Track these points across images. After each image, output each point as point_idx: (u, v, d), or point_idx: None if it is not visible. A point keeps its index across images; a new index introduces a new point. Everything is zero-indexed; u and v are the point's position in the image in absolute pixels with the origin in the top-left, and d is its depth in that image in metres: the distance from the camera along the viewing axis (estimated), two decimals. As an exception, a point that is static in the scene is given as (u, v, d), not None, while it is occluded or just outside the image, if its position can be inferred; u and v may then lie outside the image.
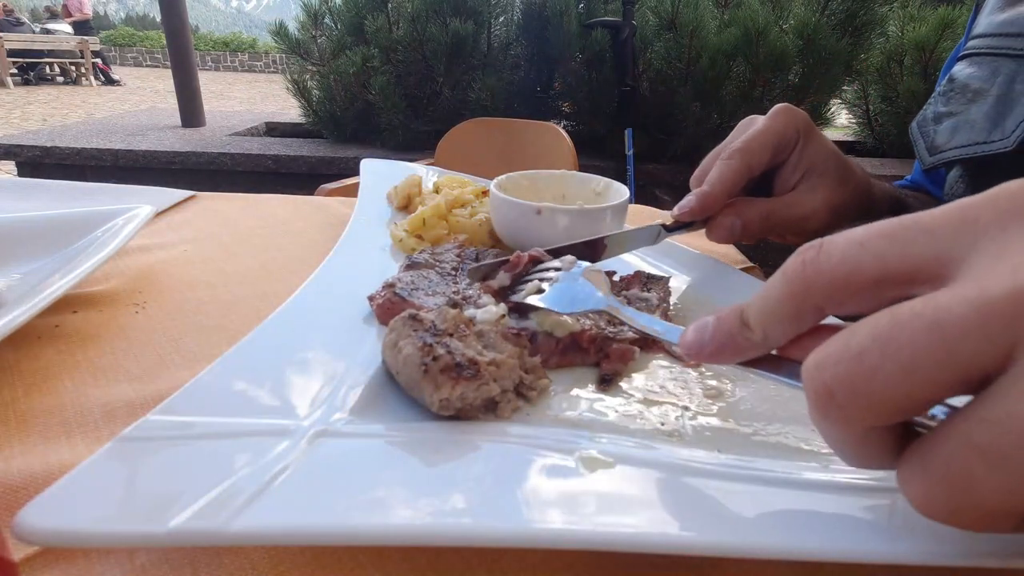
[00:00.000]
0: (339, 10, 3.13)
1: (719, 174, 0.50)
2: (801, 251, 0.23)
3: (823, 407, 0.20)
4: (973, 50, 0.58)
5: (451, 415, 0.33)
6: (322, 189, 1.45)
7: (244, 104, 9.52)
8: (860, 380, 0.19)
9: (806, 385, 0.21)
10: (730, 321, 0.25)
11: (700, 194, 0.50)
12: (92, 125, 3.68)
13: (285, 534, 0.25)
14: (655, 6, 2.75)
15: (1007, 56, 0.53)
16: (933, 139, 0.59)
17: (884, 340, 0.19)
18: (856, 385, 0.19)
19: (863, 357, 0.19)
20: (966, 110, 0.56)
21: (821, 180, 0.53)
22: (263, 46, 18.65)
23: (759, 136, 0.51)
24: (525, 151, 1.87)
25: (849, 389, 0.19)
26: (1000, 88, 0.53)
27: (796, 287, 0.23)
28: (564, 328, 0.41)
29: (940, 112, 0.59)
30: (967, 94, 0.56)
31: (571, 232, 0.54)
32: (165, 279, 0.56)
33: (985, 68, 0.55)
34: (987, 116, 0.53)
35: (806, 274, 0.22)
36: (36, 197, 0.75)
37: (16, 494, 0.30)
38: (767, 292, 0.24)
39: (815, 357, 0.21)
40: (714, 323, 0.26)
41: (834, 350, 0.20)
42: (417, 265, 0.50)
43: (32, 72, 11.54)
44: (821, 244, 0.22)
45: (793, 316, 0.24)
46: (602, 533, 0.25)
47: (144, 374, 0.41)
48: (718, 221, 0.52)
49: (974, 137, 0.54)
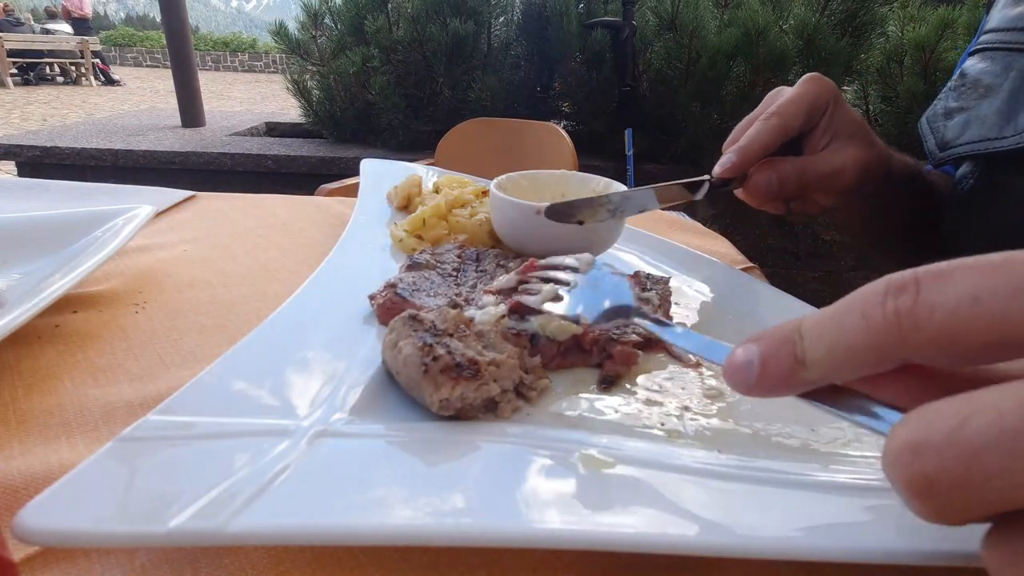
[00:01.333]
0: (339, 10, 3.13)
1: (756, 133, 0.51)
2: (890, 289, 0.18)
3: (918, 494, 0.17)
4: (986, 44, 0.58)
5: (451, 415, 0.33)
6: (322, 189, 1.45)
7: (244, 104, 9.52)
8: (973, 481, 0.16)
9: (894, 467, 0.18)
10: (782, 358, 0.21)
11: (739, 149, 0.51)
12: (92, 125, 3.68)
13: (285, 534, 0.25)
14: (655, 6, 2.75)
15: (1020, 51, 0.53)
16: (943, 134, 0.58)
17: (1012, 437, 0.15)
18: (967, 485, 0.16)
19: (981, 456, 0.16)
20: (977, 105, 0.55)
21: (849, 142, 0.53)
22: (263, 46, 18.65)
23: (794, 100, 0.52)
24: (525, 151, 1.87)
25: (956, 486, 0.16)
26: (1013, 83, 0.52)
27: (882, 340, 0.18)
28: (566, 332, 0.41)
29: (951, 107, 0.59)
30: (979, 89, 0.56)
31: (571, 232, 0.54)
32: (165, 279, 0.56)
33: (998, 63, 0.55)
34: (999, 111, 0.53)
35: (901, 329, 0.18)
36: (36, 197, 0.75)
37: (16, 494, 0.30)
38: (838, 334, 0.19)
39: (911, 435, 0.17)
40: (761, 358, 0.22)
41: (939, 435, 0.17)
42: (418, 265, 0.50)
43: (32, 72, 11.54)
44: (918, 289, 0.18)
45: (870, 366, 0.20)
46: (602, 533, 0.25)
47: (144, 374, 0.41)
48: (755, 179, 0.52)
49: (985, 133, 0.53)
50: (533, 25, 2.92)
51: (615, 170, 2.55)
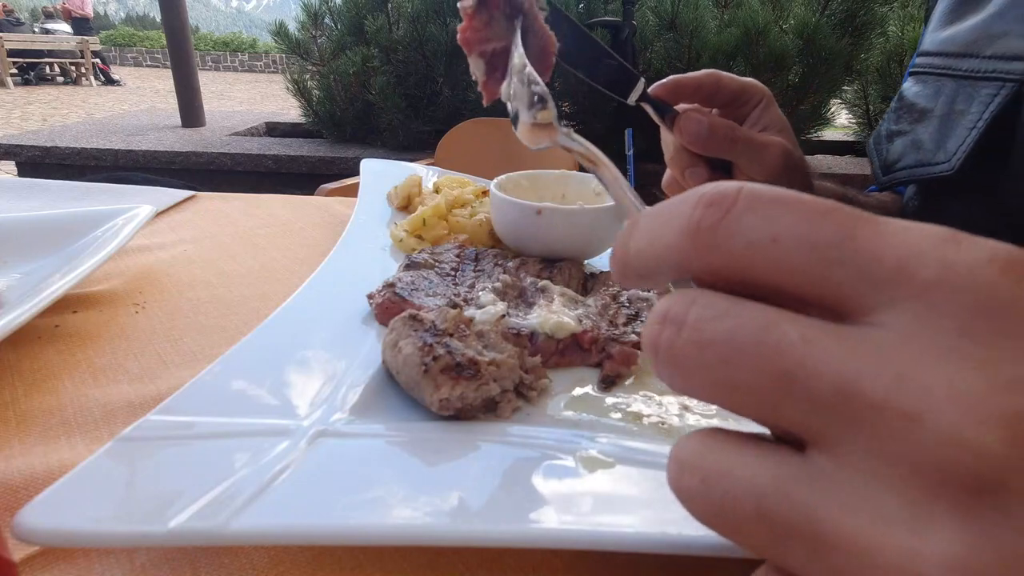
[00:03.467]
0: (339, 10, 3.13)
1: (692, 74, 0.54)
2: (704, 199, 0.17)
3: (651, 349, 0.17)
4: (919, 68, 0.58)
5: (451, 415, 0.33)
6: (322, 189, 1.45)
7: (244, 104, 9.51)
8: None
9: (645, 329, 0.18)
10: (618, 244, 0.20)
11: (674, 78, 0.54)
12: (92, 125, 3.68)
13: (285, 534, 0.25)
14: (655, 6, 2.75)
15: (948, 76, 0.53)
16: (887, 157, 0.59)
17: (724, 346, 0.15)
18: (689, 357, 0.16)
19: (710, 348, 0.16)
20: (914, 129, 0.56)
21: (777, 134, 0.54)
22: (263, 46, 18.65)
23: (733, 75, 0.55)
24: (525, 151, 1.86)
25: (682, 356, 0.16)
26: (942, 108, 0.53)
27: (680, 247, 0.17)
28: (565, 330, 0.41)
29: (892, 130, 0.59)
30: (914, 113, 0.56)
31: (571, 232, 0.54)
32: (165, 279, 0.56)
33: (930, 87, 0.55)
34: (932, 136, 0.53)
35: (696, 244, 0.17)
36: (36, 197, 0.75)
37: (16, 494, 0.30)
38: (657, 228, 0.18)
39: (664, 305, 0.17)
40: (615, 241, 0.20)
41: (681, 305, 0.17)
42: (417, 265, 0.50)
43: (32, 72, 11.54)
44: (731, 208, 0.16)
45: (674, 271, 0.18)
46: (602, 533, 0.25)
47: (144, 374, 0.41)
48: (689, 115, 0.52)
49: (921, 158, 0.54)
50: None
51: (615, 170, 2.55)
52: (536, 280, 0.48)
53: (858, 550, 0.14)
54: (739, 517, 0.16)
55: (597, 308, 0.45)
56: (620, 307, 0.45)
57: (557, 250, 0.54)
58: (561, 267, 0.51)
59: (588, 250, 0.56)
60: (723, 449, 0.17)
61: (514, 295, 0.46)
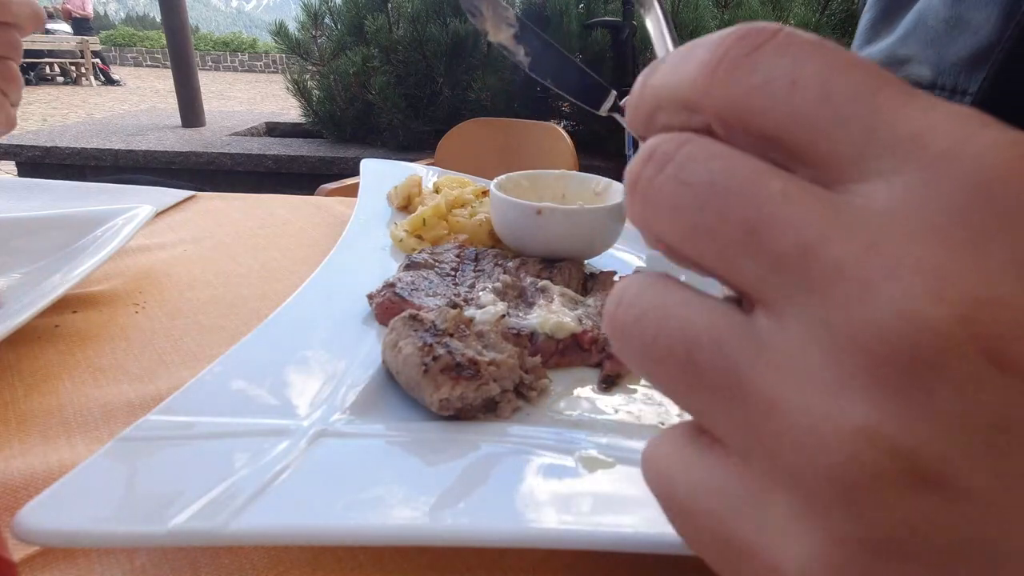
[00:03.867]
0: (339, 10, 3.13)
1: None
2: (743, 32, 0.16)
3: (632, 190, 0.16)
4: None
5: (451, 415, 0.33)
6: (322, 189, 1.45)
7: (244, 104, 9.51)
8: None
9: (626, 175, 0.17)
10: (641, 75, 0.19)
11: None
12: (92, 125, 3.68)
13: (285, 534, 0.25)
14: (655, 6, 2.75)
15: None
16: None
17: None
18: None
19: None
20: None
21: None
22: (263, 46, 18.65)
23: None
24: (525, 151, 1.87)
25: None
26: None
27: (699, 78, 0.16)
28: (565, 330, 0.41)
29: None
30: None
31: (571, 232, 0.54)
32: (165, 279, 0.56)
33: None
34: None
35: (718, 72, 0.15)
36: (36, 197, 0.75)
37: (16, 494, 0.30)
38: (680, 63, 0.17)
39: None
40: None
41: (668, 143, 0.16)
42: (416, 265, 0.50)
43: (32, 72, 11.54)
44: (769, 38, 0.15)
45: (679, 114, 0.17)
46: (602, 533, 0.25)
47: (144, 374, 0.41)
48: None
49: None
50: (533, 25, 2.92)
51: (615, 170, 2.55)
52: (536, 280, 0.48)
53: (776, 411, 0.13)
54: (666, 360, 0.15)
55: (597, 308, 0.45)
56: (620, 307, 0.45)
57: (557, 250, 0.54)
58: (561, 267, 0.51)
59: (588, 250, 0.56)
60: (667, 292, 0.16)
61: (514, 295, 0.46)
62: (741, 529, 0.14)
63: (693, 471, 0.16)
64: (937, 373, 0.11)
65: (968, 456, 0.11)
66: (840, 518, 0.12)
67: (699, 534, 0.15)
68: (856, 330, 0.12)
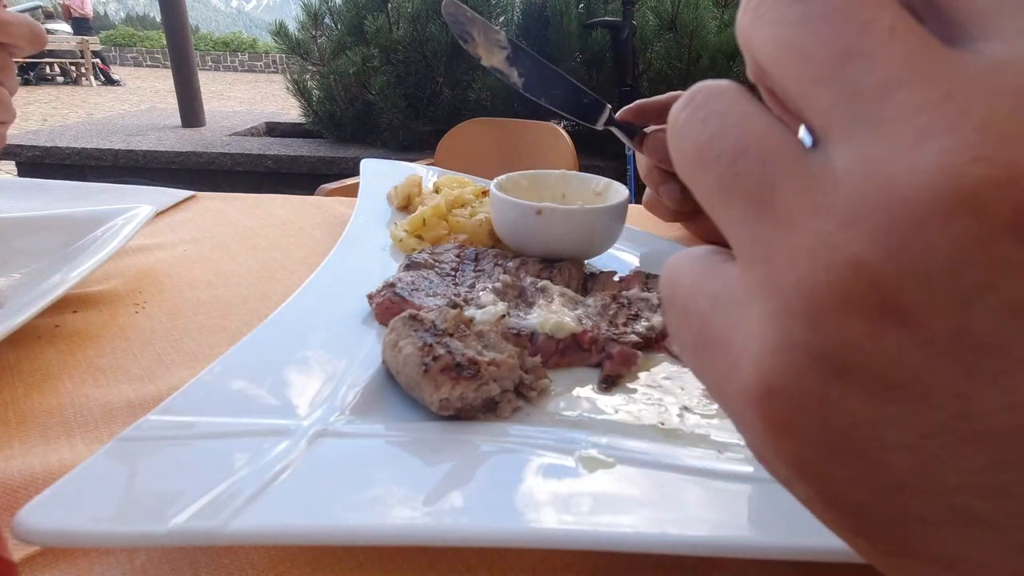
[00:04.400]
0: (339, 10, 3.13)
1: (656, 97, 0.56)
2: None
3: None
4: None
5: (451, 415, 0.33)
6: (322, 189, 1.44)
7: (244, 104, 9.51)
8: None
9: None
10: None
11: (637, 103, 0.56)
12: (92, 125, 3.69)
13: (285, 534, 0.25)
14: (655, 6, 2.75)
15: None
16: None
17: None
18: None
19: None
20: None
21: None
22: (263, 46, 18.65)
23: None
24: (525, 151, 1.87)
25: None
26: None
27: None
28: (565, 330, 0.41)
29: None
30: None
31: (571, 232, 0.54)
32: (165, 279, 0.56)
33: None
34: None
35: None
36: (36, 197, 0.75)
37: (16, 494, 0.30)
38: None
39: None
40: None
41: None
42: (416, 265, 0.50)
43: (32, 72, 11.54)
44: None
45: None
46: (602, 533, 0.25)
47: (144, 374, 0.41)
48: (654, 134, 0.55)
49: None
50: (533, 25, 2.92)
51: (615, 170, 2.56)
52: (536, 280, 0.48)
53: (791, 230, 0.13)
54: (712, 164, 0.15)
55: (597, 308, 0.45)
56: (620, 307, 0.45)
57: (557, 250, 0.54)
58: (561, 267, 0.51)
59: (588, 250, 0.56)
60: (736, 102, 0.16)
61: (514, 295, 0.46)
62: (721, 327, 0.15)
63: (698, 277, 0.16)
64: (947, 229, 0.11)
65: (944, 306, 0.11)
66: (800, 326, 0.13)
67: (687, 331, 0.16)
68: (894, 171, 0.12)
